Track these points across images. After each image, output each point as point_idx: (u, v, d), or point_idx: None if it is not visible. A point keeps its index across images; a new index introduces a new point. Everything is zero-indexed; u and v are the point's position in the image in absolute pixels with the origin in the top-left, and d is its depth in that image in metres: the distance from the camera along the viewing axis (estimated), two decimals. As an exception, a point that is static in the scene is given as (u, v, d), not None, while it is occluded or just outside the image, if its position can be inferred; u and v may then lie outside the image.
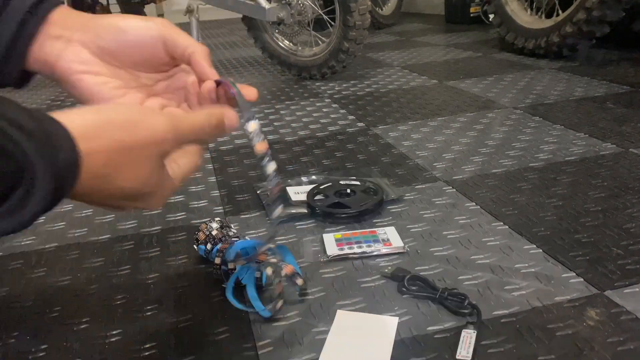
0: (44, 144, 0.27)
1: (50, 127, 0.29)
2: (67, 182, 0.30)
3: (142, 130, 0.34)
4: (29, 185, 0.27)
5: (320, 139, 1.19)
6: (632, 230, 0.71)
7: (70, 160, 0.29)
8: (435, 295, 0.59)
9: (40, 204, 0.28)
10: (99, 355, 0.55)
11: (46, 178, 0.27)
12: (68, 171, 0.29)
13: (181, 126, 0.37)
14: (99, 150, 0.32)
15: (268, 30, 1.85)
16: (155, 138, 0.35)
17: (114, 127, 0.33)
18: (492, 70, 1.75)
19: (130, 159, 0.34)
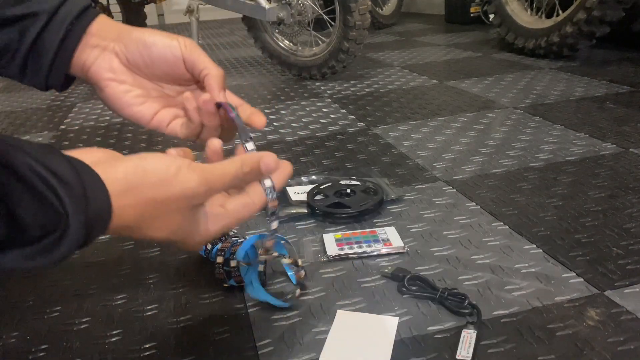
0: (80, 195, 0.31)
1: (87, 180, 0.32)
2: (96, 230, 0.33)
3: (175, 187, 0.37)
4: (63, 231, 0.30)
5: (320, 139, 1.19)
6: (632, 230, 0.71)
7: (102, 213, 0.33)
8: (435, 295, 0.59)
9: (70, 247, 0.31)
10: (99, 355, 0.55)
11: (78, 227, 0.31)
12: (99, 222, 0.33)
13: (212, 178, 0.39)
14: (131, 205, 0.35)
15: (268, 30, 1.85)
16: (186, 194, 0.37)
17: (148, 185, 0.36)
18: (492, 70, 1.75)
19: (161, 212, 0.37)
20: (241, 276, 0.61)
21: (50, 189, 0.29)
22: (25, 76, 0.46)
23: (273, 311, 0.59)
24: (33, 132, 1.42)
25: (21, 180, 0.28)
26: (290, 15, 1.67)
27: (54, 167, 0.30)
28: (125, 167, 0.36)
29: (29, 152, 0.30)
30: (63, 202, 0.30)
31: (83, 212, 0.31)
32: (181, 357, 0.54)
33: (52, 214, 0.29)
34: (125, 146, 1.24)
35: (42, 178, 0.29)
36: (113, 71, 0.47)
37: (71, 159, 0.32)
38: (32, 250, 0.30)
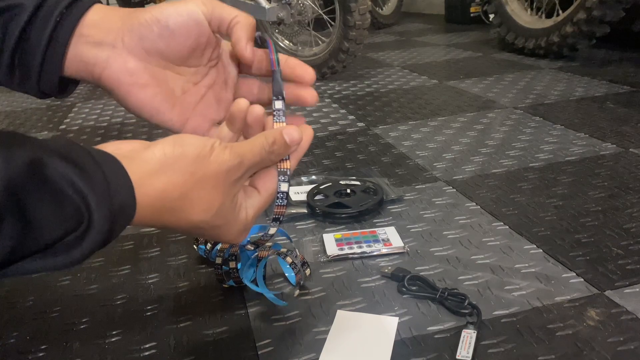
0: (102, 189, 0.30)
1: (110, 171, 0.31)
2: (120, 224, 0.32)
3: (211, 163, 0.36)
4: (85, 227, 0.29)
5: (320, 139, 1.19)
6: (632, 230, 0.71)
7: (125, 205, 0.32)
8: (435, 295, 0.59)
9: (94, 244, 0.30)
10: (99, 355, 0.55)
11: (101, 221, 0.30)
12: (122, 214, 0.32)
13: (242, 152, 0.38)
14: (171, 182, 0.34)
15: (268, 30, 1.85)
16: (222, 168, 0.37)
17: (188, 159, 0.35)
18: (492, 70, 1.75)
19: (201, 189, 0.36)
20: (240, 277, 0.61)
21: (70, 183, 0.28)
22: (14, 81, 0.40)
23: (273, 311, 0.59)
24: (33, 132, 1.42)
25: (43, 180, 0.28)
26: (290, 15, 1.67)
27: (75, 159, 0.29)
28: (163, 145, 0.35)
29: (53, 148, 0.29)
30: (86, 198, 0.29)
31: (106, 207, 0.30)
32: (181, 357, 0.54)
33: (73, 210, 0.28)
34: (125, 146, 1.24)
35: (65, 175, 0.28)
36: (131, 73, 0.41)
37: (93, 151, 0.32)
38: (52, 251, 0.29)
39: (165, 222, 0.35)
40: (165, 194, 0.34)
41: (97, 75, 0.40)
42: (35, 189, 0.27)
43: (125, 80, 0.41)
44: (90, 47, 0.40)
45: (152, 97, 0.42)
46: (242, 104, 0.41)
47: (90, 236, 0.30)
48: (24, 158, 0.27)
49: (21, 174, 0.27)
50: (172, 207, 0.35)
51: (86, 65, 0.40)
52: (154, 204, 0.34)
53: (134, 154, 0.34)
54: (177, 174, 0.35)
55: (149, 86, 0.41)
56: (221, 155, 0.37)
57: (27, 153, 0.27)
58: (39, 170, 0.27)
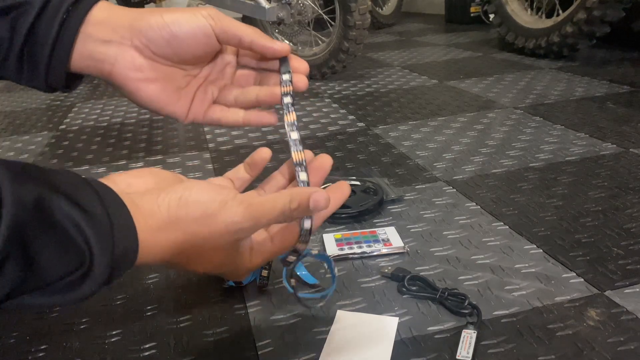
0: (107, 235, 0.30)
1: (116, 215, 0.31)
2: (121, 270, 0.32)
3: (218, 223, 0.35)
4: (87, 269, 0.29)
5: (320, 139, 1.19)
6: (632, 230, 0.71)
7: (128, 250, 0.32)
8: (435, 295, 0.59)
9: (93, 286, 0.30)
10: (99, 355, 0.55)
11: (101, 267, 0.30)
12: (124, 261, 0.32)
13: (258, 214, 0.37)
14: (172, 240, 0.34)
15: (268, 30, 1.85)
16: (230, 229, 0.36)
17: (191, 220, 0.35)
18: (492, 70, 1.75)
19: (203, 248, 0.36)
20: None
21: (77, 228, 0.28)
22: (23, 76, 0.42)
23: (273, 311, 0.59)
24: (33, 132, 1.42)
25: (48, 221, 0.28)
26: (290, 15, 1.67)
27: (82, 201, 0.29)
28: (169, 199, 0.35)
29: (61, 186, 0.29)
30: (89, 242, 0.29)
31: (109, 252, 0.30)
32: (181, 357, 0.54)
33: (75, 254, 0.29)
34: (124, 146, 1.24)
35: (70, 217, 0.28)
36: (139, 70, 0.42)
37: (102, 190, 0.31)
38: (50, 289, 0.29)
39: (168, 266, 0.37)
40: (166, 250, 0.34)
41: (106, 71, 0.42)
42: (40, 229, 0.27)
43: (134, 77, 0.42)
44: (98, 45, 0.41)
45: (160, 91, 0.43)
46: (266, 153, 0.44)
47: (89, 280, 0.30)
48: (32, 195, 0.27)
49: (28, 212, 0.27)
50: (172, 260, 0.35)
51: (95, 62, 0.41)
52: (156, 255, 0.34)
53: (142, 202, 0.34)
54: (180, 233, 0.34)
55: (156, 81, 0.43)
56: (233, 216, 0.36)
57: (36, 190, 0.27)
58: (46, 210, 0.28)
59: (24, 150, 1.27)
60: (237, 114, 0.47)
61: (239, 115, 0.47)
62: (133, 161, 1.13)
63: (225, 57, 0.47)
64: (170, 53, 0.42)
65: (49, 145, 1.29)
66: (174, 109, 0.45)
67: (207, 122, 0.47)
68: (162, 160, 1.12)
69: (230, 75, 0.47)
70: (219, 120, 0.47)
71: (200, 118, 0.46)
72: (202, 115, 0.46)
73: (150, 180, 0.37)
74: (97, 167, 1.11)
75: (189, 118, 0.46)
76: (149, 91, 0.43)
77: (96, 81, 2.09)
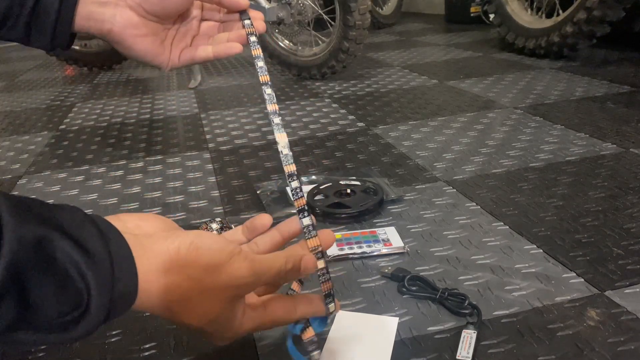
0: (106, 276, 0.30)
1: (118, 257, 0.31)
2: (118, 311, 0.32)
3: (223, 274, 0.36)
4: (82, 311, 0.29)
5: (320, 139, 1.19)
6: (632, 230, 0.71)
7: (127, 293, 0.32)
8: (436, 295, 0.59)
9: (88, 328, 0.30)
10: (99, 355, 0.55)
11: (99, 309, 0.30)
12: (122, 303, 0.32)
13: (260, 270, 0.38)
14: (177, 283, 0.34)
15: (268, 30, 1.85)
16: (234, 283, 0.36)
17: (199, 266, 0.35)
18: (493, 70, 1.75)
19: (204, 298, 0.36)
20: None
21: (76, 268, 0.28)
22: (31, 39, 0.47)
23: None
24: (33, 132, 1.42)
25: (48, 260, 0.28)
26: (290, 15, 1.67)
27: (86, 242, 0.29)
28: (180, 242, 0.35)
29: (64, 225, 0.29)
30: (87, 283, 0.29)
31: (107, 294, 0.30)
32: (181, 357, 0.54)
33: (73, 294, 0.29)
34: (124, 146, 1.24)
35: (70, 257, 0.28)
36: (136, 27, 0.49)
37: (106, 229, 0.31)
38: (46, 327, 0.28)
39: (160, 314, 0.36)
40: (167, 293, 0.34)
41: (106, 30, 0.48)
42: (39, 270, 0.27)
43: (131, 33, 0.49)
44: (96, 6, 0.47)
45: (151, 44, 0.51)
46: (266, 220, 0.45)
47: (86, 321, 0.30)
48: (33, 235, 0.27)
49: (28, 251, 0.27)
50: (169, 306, 0.35)
51: (95, 22, 0.48)
52: (155, 298, 0.34)
53: (150, 243, 0.34)
54: (184, 278, 0.34)
55: (148, 36, 0.50)
56: (238, 270, 0.36)
57: (38, 230, 0.27)
58: (47, 250, 0.28)
59: (24, 150, 1.27)
60: (207, 50, 0.54)
61: (208, 51, 0.53)
62: (133, 161, 1.13)
63: (193, 12, 0.55)
64: (159, 10, 0.50)
65: (49, 145, 1.29)
66: (161, 59, 0.52)
67: (182, 64, 0.54)
68: (162, 160, 1.12)
69: (197, 27, 0.55)
70: (192, 59, 0.54)
71: (176, 63, 0.53)
72: (178, 60, 0.53)
73: (159, 224, 0.37)
74: (97, 167, 1.11)
75: (169, 65, 0.53)
76: (143, 45, 0.50)
77: (96, 81, 2.09)
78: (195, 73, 1.88)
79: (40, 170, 1.12)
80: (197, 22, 0.55)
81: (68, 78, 2.22)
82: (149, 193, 0.96)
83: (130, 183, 1.01)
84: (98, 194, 0.97)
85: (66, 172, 1.10)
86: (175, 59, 0.53)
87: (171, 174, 1.04)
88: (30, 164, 1.17)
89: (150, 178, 1.03)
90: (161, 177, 1.03)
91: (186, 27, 0.54)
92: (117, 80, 2.10)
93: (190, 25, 0.55)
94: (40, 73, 2.39)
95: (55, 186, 1.02)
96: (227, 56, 0.53)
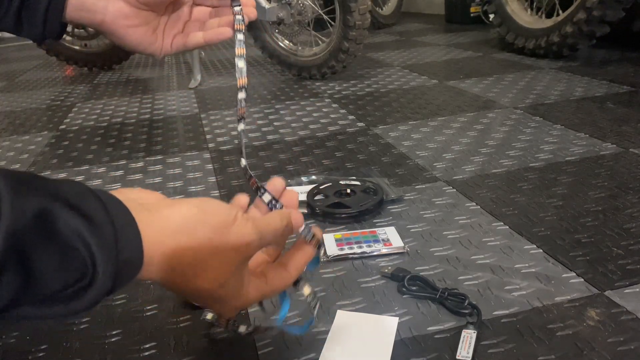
0: (110, 243, 0.30)
1: (121, 224, 0.31)
2: (124, 279, 0.31)
3: (232, 234, 0.36)
4: (88, 281, 0.29)
5: (320, 139, 1.19)
6: (632, 230, 0.71)
7: (131, 261, 0.31)
8: (435, 295, 0.59)
9: (94, 298, 0.30)
10: (99, 355, 0.55)
11: (104, 277, 0.29)
12: (127, 270, 0.31)
13: (262, 228, 0.38)
14: (188, 244, 0.34)
15: (268, 30, 1.85)
16: (242, 241, 0.37)
17: (208, 226, 0.35)
18: (492, 70, 1.75)
19: (215, 258, 0.35)
20: None
21: (79, 236, 0.28)
22: (22, 29, 0.47)
23: (273, 311, 0.59)
24: (33, 132, 1.42)
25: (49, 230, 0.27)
26: (290, 15, 1.67)
27: (88, 211, 0.29)
28: (187, 206, 0.35)
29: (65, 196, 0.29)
30: (91, 250, 0.28)
31: (113, 261, 0.30)
32: (181, 357, 0.54)
33: (78, 262, 0.28)
34: (125, 146, 1.24)
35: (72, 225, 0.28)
36: (127, 17, 0.50)
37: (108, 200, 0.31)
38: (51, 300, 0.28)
39: (170, 282, 0.35)
40: (179, 256, 0.34)
41: (98, 20, 0.49)
42: (41, 241, 0.27)
43: (123, 23, 0.50)
44: None
45: (143, 34, 0.51)
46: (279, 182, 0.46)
47: (92, 291, 0.29)
48: (33, 207, 0.27)
49: (28, 224, 0.26)
50: (182, 270, 0.34)
51: (87, 13, 0.48)
52: (165, 263, 0.33)
53: (156, 208, 0.34)
54: (196, 238, 0.34)
55: (140, 26, 0.51)
56: (243, 228, 0.37)
57: (38, 202, 0.27)
58: (48, 221, 0.27)
59: (24, 150, 1.27)
60: (197, 36, 0.54)
61: (199, 37, 0.54)
62: (133, 161, 1.13)
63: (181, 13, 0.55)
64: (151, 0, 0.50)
65: (49, 145, 1.29)
66: (154, 47, 0.53)
67: (174, 50, 0.54)
68: (162, 160, 1.12)
69: (188, 13, 0.55)
70: (184, 45, 0.54)
71: (169, 50, 0.54)
72: (170, 47, 0.54)
73: (161, 197, 0.37)
74: (97, 167, 1.11)
75: (162, 53, 0.53)
76: (136, 35, 0.51)
77: (96, 81, 2.09)
78: (195, 73, 1.88)
79: (41, 170, 1.12)
80: (188, 8, 0.55)
81: (68, 78, 2.22)
82: (149, 193, 0.95)
83: (131, 183, 1.01)
84: (98, 194, 0.97)
85: (66, 172, 1.10)
86: (168, 46, 0.54)
87: (171, 174, 1.04)
88: (31, 164, 1.17)
89: (150, 178, 1.03)
90: (161, 177, 1.03)
91: (178, 13, 0.55)
92: (117, 80, 2.10)
93: (182, 11, 0.55)
94: (40, 73, 2.39)
95: (55, 186, 1.02)
96: (218, 41, 0.53)
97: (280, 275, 0.43)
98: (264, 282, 0.42)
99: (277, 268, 0.43)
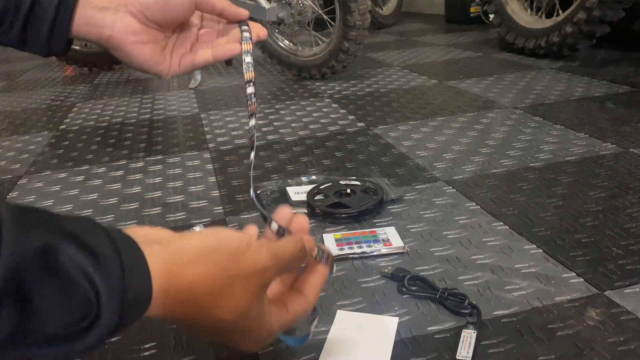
0: (117, 280, 0.28)
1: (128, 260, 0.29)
2: (131, 317, 0.30)
3: (248, 259, 0.35)
4: (92, 319, 0.27)
5: (320, 139, 1.19)
6: (632, 230, 0.71)
7: (139, 298, 0.30)
8: (435, 295, 0.59)
9: (99, 337, 0.28)
10: (99, 355, 0.55)
11: (109, 315, 0.28)
12: (134, 308, 0.30)
13: (278, 254, 0.37)
14: (204, 273, 0.33)
15: (268, 30, 1.85)
16: (258, 267, 0.36)
17: (224, 253, 0.34)
18: (492, 70, 1.75)
19: (232, 287, 0.34)
20: None
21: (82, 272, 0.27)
22: (26, 45, 0.46)
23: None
24: (33, 132, 1.42)
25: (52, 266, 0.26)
26: (290, 15, 1.67)
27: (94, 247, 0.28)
28: (200, 236, 0.34)
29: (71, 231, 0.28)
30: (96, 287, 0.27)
31: (118, 297, 0.28)
32: (181, 357, 0.54)
33: (81, 300, 0.27)
34: (125, 146, 1.24)
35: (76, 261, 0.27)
36: (136, 34, 0.49)
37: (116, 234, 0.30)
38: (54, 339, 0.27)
39: (185, 317, 0.34)
40: (196, 286, 0.32)
41: (105, 36, 0.48)
42: (42, 276, 0.26)
43: (130, 40, 0.48)
44: (95, 12, 0.47)
45: (151, 52, 0.50)
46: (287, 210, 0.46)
47: (96, 330, 0.28)
48: (36, 242, 0.26)
49: (29, 259, 0.25)
50: (198, 301, 0.33)
51: (94, 28, 0.47)
52: (181, 295, 0.32)
53: (168, 240, 0.33)
54: (211, 267, 0.33)
55: (148, 44, 0.50)
56: (258, 254, 0.36)
57: (42, 237, 0.26)
58: (51, 256, 0.26)
59: (24, 150, 1.27)
60: (206, 53, 0.53)
61: (208, 54, 0.53)
62: (133, 161, 1.13)
63: (193, 21, 0.55)
64: (160, 18, 0.50)
65: (49, 145, 1.29)
66: (161, 67, 0.52)
67: (182, 70, 0.53)
68: (162, 160, 1.12)
69: (196, 35, 0.55)
70: (193, 65, 0.54)
71: (177, 70, 0.53)
72: (178, 67, 0.53)
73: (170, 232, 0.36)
74: (97, 167, 1.11)
75: (170, 73, 0.53)
76: (143, 53, 0.50)
77: (96, 81, 2.09)
78: (195, 73, 1.88)
79: (41, 170, 1.12)
80: (196, 30, 0.55)
81: (68, 78, 2.22)
82: (149, 193, 0.96)
83: (131, 183, 1.01)
84: (98, 194, 0.97)
85: (66, 172, 1.10)
86: (176, 66, 0.53)
87: (171, 174, 1.04)
88: (31, 164, 1.17)
89: (150, 178, 1.03)
90: (161, 177, 1.03)
91: (186, 34, 0.55)
92: (117, 80, 2.10)
93: (190, 33, 0.55)
94: (40, 73, 2.39)
95: (55, 186, 1.02)
96: (226, 58, 0.53)
97: (299, 301, 0.42)
98: (285, 311, 0.41)
99: (295, 294, 0.42)
